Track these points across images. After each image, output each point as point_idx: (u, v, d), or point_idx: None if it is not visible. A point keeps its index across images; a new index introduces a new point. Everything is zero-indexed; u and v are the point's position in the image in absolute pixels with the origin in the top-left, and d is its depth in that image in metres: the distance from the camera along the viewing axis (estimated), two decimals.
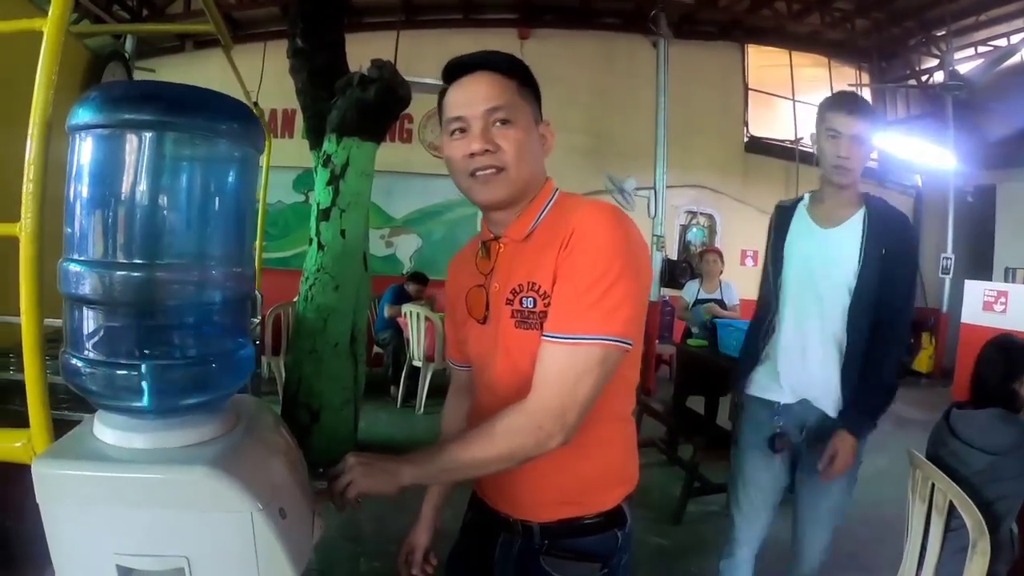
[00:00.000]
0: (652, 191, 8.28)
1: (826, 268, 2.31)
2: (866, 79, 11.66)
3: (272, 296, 5.55)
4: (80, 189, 0.99)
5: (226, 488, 0.95)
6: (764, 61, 10.90)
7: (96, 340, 1.00)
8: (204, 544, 0.98)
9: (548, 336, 1.18)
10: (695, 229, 10.46)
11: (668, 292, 8.41)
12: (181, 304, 1.03)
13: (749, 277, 9.80)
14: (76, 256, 0.99)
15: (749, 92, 10.77)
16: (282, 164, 7.11)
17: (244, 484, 0.97)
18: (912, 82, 11.06)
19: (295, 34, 4.80)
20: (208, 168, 1.04)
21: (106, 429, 1.03)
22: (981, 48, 9.98)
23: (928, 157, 9.80)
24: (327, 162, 4.60)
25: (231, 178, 1.07)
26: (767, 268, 2.52)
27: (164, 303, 1.01)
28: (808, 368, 2.35)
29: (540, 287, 1.23)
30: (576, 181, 7.28)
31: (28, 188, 1.03)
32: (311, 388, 4.63)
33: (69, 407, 1.51)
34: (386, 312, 7.12)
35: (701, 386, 5.50)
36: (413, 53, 8.17)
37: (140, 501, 0.96)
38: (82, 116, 0.97)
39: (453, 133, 1.28)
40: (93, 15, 7.06)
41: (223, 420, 1.10)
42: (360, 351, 5.02)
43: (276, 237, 8.70)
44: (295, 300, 5.25)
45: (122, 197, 0.97)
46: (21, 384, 1.78)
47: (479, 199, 1.31)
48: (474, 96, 1.26)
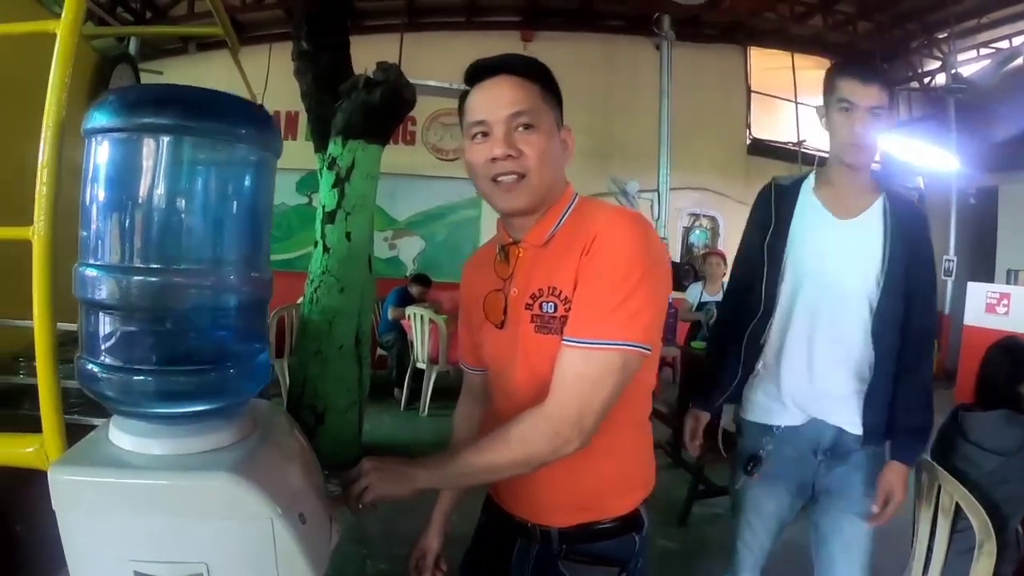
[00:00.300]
0: (655, 193, 8.26)
1: (844, 267, 1.99)
2: None
3: (276, 298, 5.51)
4: (96, 193, 0.98)
5: (247, 494, 0.94)
6: (766, 63, 10.88)
7: (113, 345, 0.99)
8: (223, 551, 0.98)
9: (568, 340, 1.18)
10: (698, 231, 10.46)
11: (671, 295, 8.39)
12: (199, 309, 1.02)
13: None
14: (92, 261, 0.98)
15: (751, 94, 10.76)
16: (286, 166, 6.99)
17: (265, 490, 0.96)
18: (914, 84, 11.05)
19: (300, 37, 4.80)
20: (226, 172, 1.04)
21: (122, 435, 1.02)
22: (983, 50, 9.96)
23: (930, 159, 9.77)
24: (332, 165, 4.60)
25: (249, 182, 1.06)
26: (754, 259, 2.13)
27: (182, 308, 1.00)
28: (816, 380, 2.02)
29: (561, 292, 1.23)
30: (579, 183, 7.14)
31: (41, 192, 1.03)
32: (316, 390, 4.63)
33: (80, 411, 1.50)
34: (390, 314, 7.11)
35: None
36: (416, 55, 8.16)
37: (159, 508, 0.95)
38: (98, 119, 0.96)
39: (475, 137, 1.27)
40: (96, 17, 7.05)
41: (240, 425, 1.10)
42: (365, 353, 5.02)
43: (279, 239, 8.67)
44: (299, 302, 5.24)
45: (140, 201, 0.97)
46: (30, 388, 1.79)
47: (500, 206, 1.30)
48: (497, 100, 1.24)
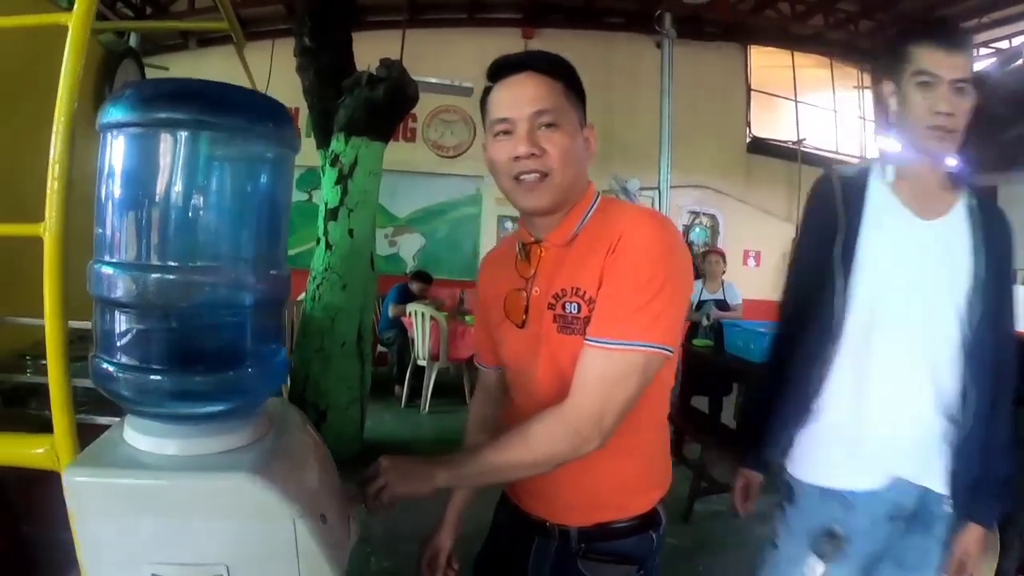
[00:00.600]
0: (656, 191, 8.26)
1: (932, 279, 1.56)
2: (868, 80, 11.64)
3: None
4: (112, 189, 0.96)
5: (268, 495, 0.93)
6: (767, 62, 10.88)
7: (129, 344, 0.98)
8: (244, 552, 0.96)
9: (591, 340, 1.18)
10: (698, 229, 10.44)
11: None
12: (217, 308, 1.00)
13: (751, 277, 9.92)
14: (108, 258, 0.97)
15: (752, 93, 10.76)
16: None
17: (286, 491, 0.95)
18: None
19: (302, 33, 4.79)
20: (245, 168, 1.02)
21: (138, 435, 1.00)
22: (984, 50, 9.95)
23: None
24: (335, 161, 4.59)
25: (268, 179, 1.04)
26: (819, 273, 1.64)
27: (200, 307, 0.98)
28: (902, 424, 1.56)
29: (585, 292, 1.22)
30: None
31: (53, 187, 1.01)
32: (318, 387, 4.62)
33: (87, 410, 1.49)
34: (391, 311, 7.11)
35: (705, 386, 5.50)
36: (417, 52, 8.13)
37: (178, 509, 0.94)
38: (115, 114, 0.94)
39: (498, 134, 1.27)
40: (97, 12, 6.99)
41: (258, 425, 1.08)
42: (366, 350, 5.01)
43: None
44: (300, 299, 5.23)
45: (157, 198, 0.95)
46: (38, 387, 1.78)
47: (522, 205, 1.29)
48: (520, 98, 1.24)
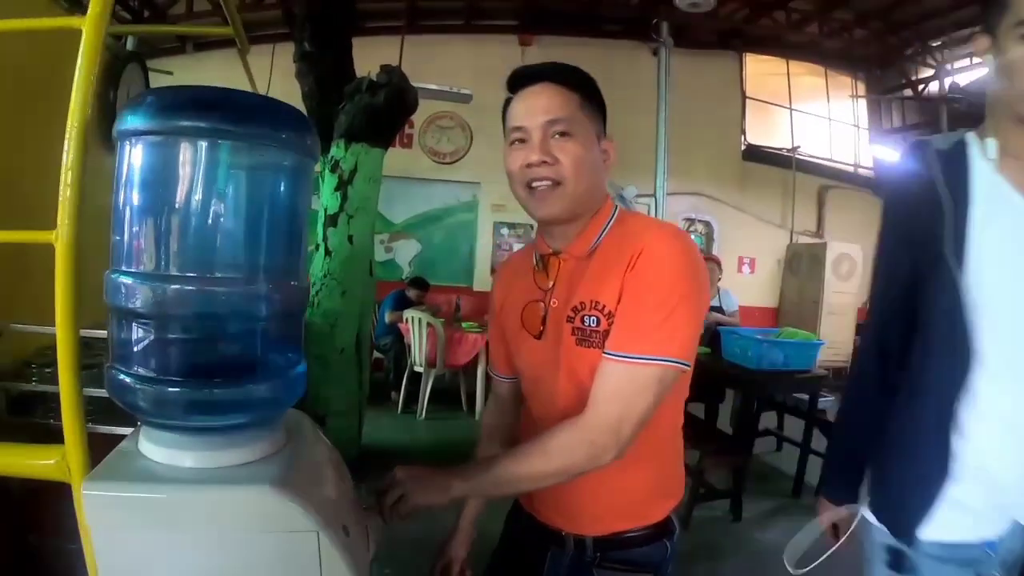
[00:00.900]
0: (652, 198, 8.28)
1: None
2: (862, 88, 11.73)
3: None
4: (130, 197, 0.95)
5: (292, 508, 0.92)
6: (762, 70, 10.94)
7: (146, 355, 0.96)
8: (266, 566, 0.95)
9: (609, 354, 1.18)
10: (693, 236, 10.43)
11: None
12: (236, 319, 0.99)
13: (747, 284, 9.92)
14: (125, 268, 0.95)
15: (747, 100, 10.81)
16: None
17: (310, 503, 0.94)
18: (908, 92, 11.11)
19: (302, 38, 4.77)
20: (265, 177, 1.01)
21: (154, 447, 0.99)
22: (976, 59, 10.00)
23: None
24: (335, 167, 4.57)
25: (289, 188, 1.03)
26: (921, 276, 1.31)
27: (219, 318, 0.97)
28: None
29: (604, 306, 1.23)
30: None
31: (65, 194, 1.00)
32: (317, 394, 4.59)
33: (95, 419, 1.47)
34: (387, 318, 7.09)
35: (702, 392, 5.50)
36: (415, 58, 8.14)
37: (198, 523, 0.92)
38: (133, 121, 0.93)
39: (513, 143, 1.28)
40: None
41: (276, 436, 1.07)
42: (365, 357, 4.99)
43: None
44: None
45: (176, 207, 0.94)
46: (41, 395, 1.76)
47: (536, 214, 1.30)
48: (535, 107, 1.25)
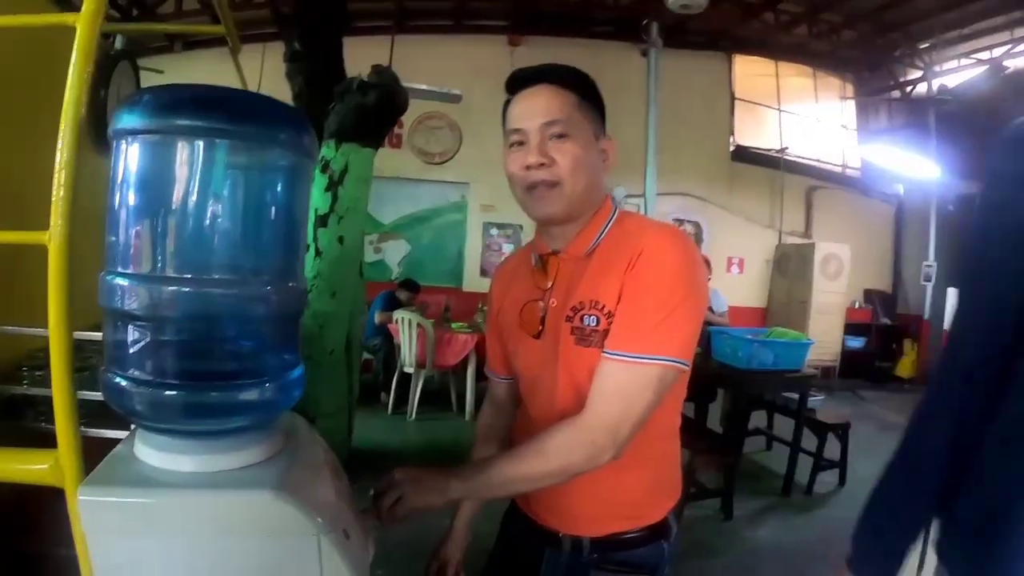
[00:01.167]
0: (642, 199, 8.29)
1: None
2: (850, 90, 11.79)
3: None
4: (126, 198, 0.94)
5: (293, 511, 0.91)
6: (751, 71, 10.98)
7: (142, 358, 0.95)
8: (266, 571, 0.94)
9: (609, 353, 1.19)
10: None
11: None
12: (234, 321, 0.98)
13: (736, 284, 9.97)
14: (121, 269, 0.94)
15: (736, 101, 10.85)
16: None
17: (310, 507, 0.93)
18: (896, 93, 11.19)
19: (292, 38, 4.74)
20: (264, 178, 1.00)
21: (150, 451, 0.98)
22: (964, 60, 10.09)
23: (911, 167, 9.90)
24: (325, 168, 4.54)
25: (287, 189, 1.02)
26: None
27: (216, 320, 0.96)
28: None
29: (604, 306, 1.23)
30: None
31: (58, 194, 0.98)
32: (308, 395, 4.52)
33: (87, 423, 1.45)
34: (377, 319, 7.07)
35: (692, 392, 5.51)
36: (405, 58, 8.13)
37: (197, 528, 0.91)
38: (129, 120, 0.92)
39: (512, 145, 1.29)
40: None
41: (274, 440, 1.06)
42: (355, 358, 4.97)
43: None
44: None
45: (173, 207, 0.92)
46: (35, 399, 1.74)
47: (535, 214, 1.31)
48: (532, 109, 1.26)
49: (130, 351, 0.95)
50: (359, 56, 5.13)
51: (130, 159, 0.93)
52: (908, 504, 1.12)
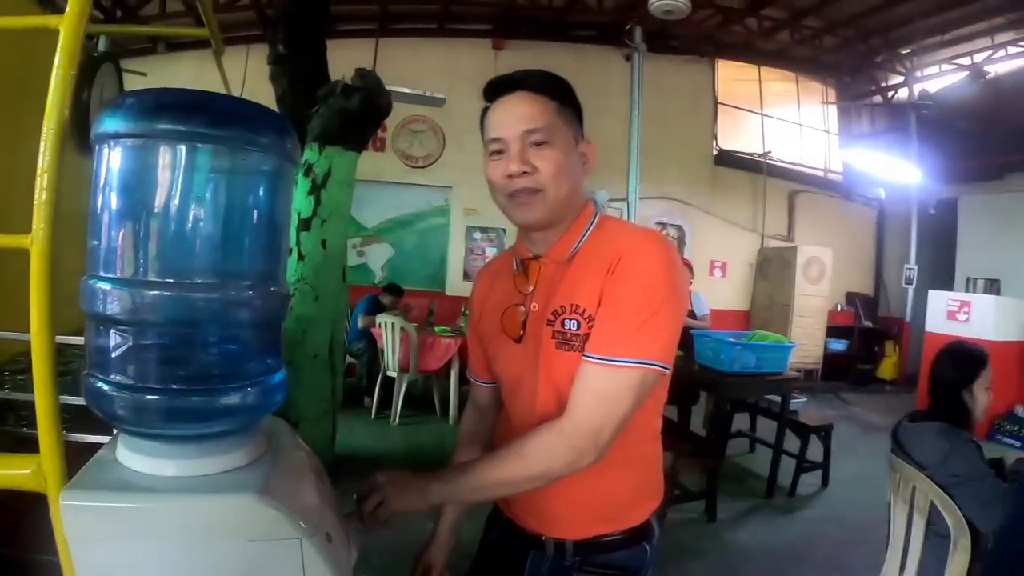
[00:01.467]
0: (624, 203, 8.30)
1: None
2: (832, 95, 11.89)
3: None
4: (108, 201, 0.94)
5: (276, 515, 0.91)
6: (733, 76, 11.04)
7: (124, 362, 0.94)
8: (249, 574, 0.94)
9: (589, 357, 1.19)
10: None
11: None
12: (216, 325, 0.98)
13: (718, 288, 10.00)
14: (103, 273, 0.94)
15: (719, 106, 10.90)
16: None
17: (293, 511, 0.93)
18: (878, 98, 11.29)
19: (276, 40, 4.73)
20: (246, 182, 1.00)
21: (132, 455, 0.97)
22: (945, 66, 10.20)
23: (892, 171, 10.00)
24: (308, 171, 4.54)
25: (269, 193, 1.02)
26: None
27: (198, 324, 0.96)
28: None
29: (584, 310, 1.23)
30: None
31: (41, 198, 0.98)
32: (290, 399, 4.51)
33: (69, 428, 1.44)
34: (360, 322, 7.04)
35: (674, 395, 5.53)
36: (388, 61, 8.11)
37: (180, 532, 0.91)
38: (111, 124, 0.92)
39: (492, 154, 1.28)
40: None
41: (257, 443, 1.06)
42: (338, 362, 4.96)
43: None
44: None
45: (155, 211, 0.92)
46: (15, 403, 1.72)
47: (517, 221, 1.30)
48: (511, 117, 1.25)
49: (112, 355, 0.95)
50: (343, 59, 5.12)
51: (112, 163, 0.93)
52: None
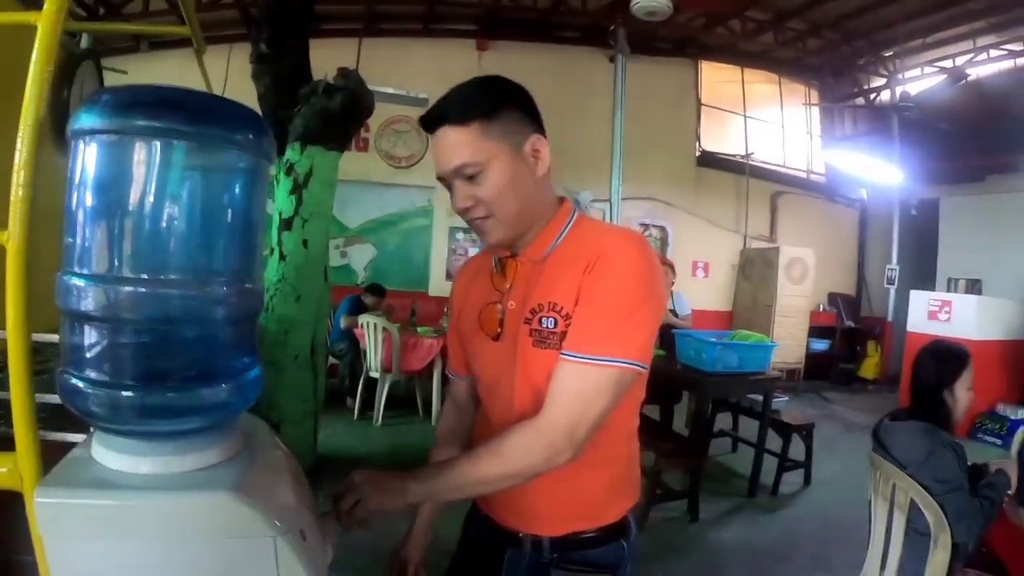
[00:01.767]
0: (607, 203, 8.32)
1: None
2: (815, 96, 11.97)
3: None
4: (83, 198, 0.93)
5: (249, 513, 0.91)
6: (717, 77, 11.09)
7: (99, 359, 0.94)
8: (223, 572, 0.94)
9: (566, 355, 1.19)
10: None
11: None
12: (191, 322, 0.97)
13: (701, 288, 10.05)
14: (78, 269, 0.93)
15: (702, 107, 10.94)
16: None
17: (267, 508, 0.93)
18: (860, 100, 11.38)
19: (259, 39, 4.71)
20: (222, 179, 0.99)
21: (107, 453, 0.97)
22: (927, 69, 10.30)
23: (874, 172, 10.08)
24: (290, 171, 4.52)
25: (245, 190, 1.01)
26: None
27: (173, 320, 0.95)
28: None
29: (562, 308, 1.23)
30: None
31: (17, 195, 0.97)
32: (271, 400, 4.53)
33: (45, 426, 1.43)
34: (343, 323, 7.02)
35: (657, 395, 5.56)
36: (373, 62, 8.10)
37: (155, 530, 0.90)
38: (88, 120, 0.91)
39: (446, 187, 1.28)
40: None
41: (232, 441, 1.06)
42: (320, 362, 4.95)
43: None
44: None
45: (130, 208, 0.92)
46: None
47: (484, 244, 1.33)
48: (442, 156, 1.24)
49: (86, 352, 0.94)
50: (326, 59, 5.10)
51: (88, 159, 0.92)
52: None
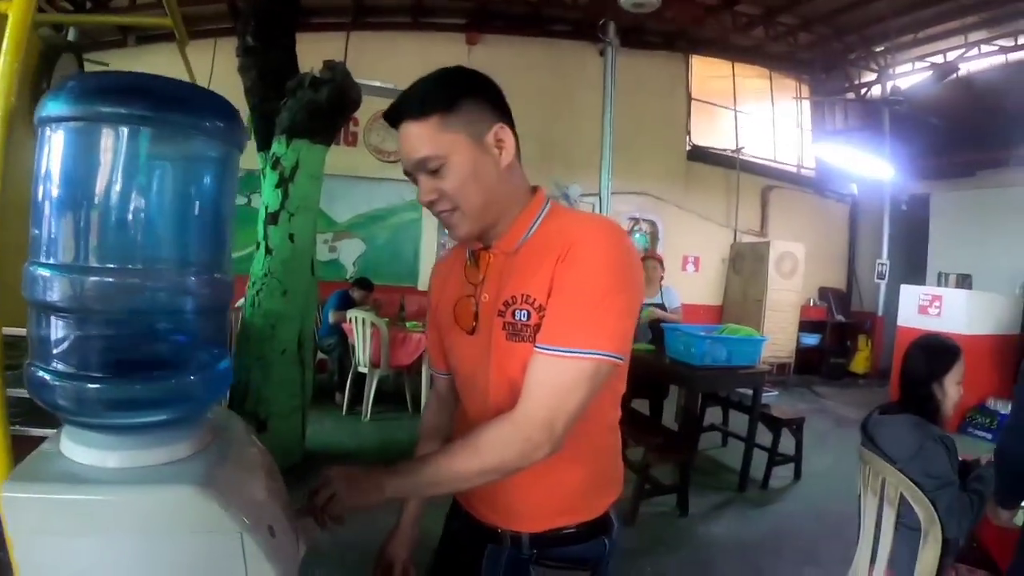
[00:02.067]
0: (597, 197, 8.31)
1: None
2: (806, 91, 11.98)
3: None
4: (49, 187, 0.91)
5: (215, 508, 0.89)
6: (708, 72, 11.09)
7: (66, 351, 0.93)
8: (190, 568, 0.92)
9: (541, 348, 1.16)
10: (638, 235, 10.53)
11: None
12: (159, 313, 0.96)
13: (691, 282, 10.05)
14: (44, 260, 0.91)
15: (692, 102, 10.94)
16: None
17: (233, 503, 0.91)
18: (851, 95, 11.39)
19: (246, 32, 4.67)
20: (190, 167, 0.98)
21: (76, 447, 0.95)
22: (918, 63, 10.32)
23: (865, 167, 10.10)
24: (276, 164, 4.49)
25: (214, 179, 1.00)
26: None
27: (140, 311, 0.94)
28: None
29: (535, 299, 1.20)
30: None
31: None
32: (259, 396, 4.51)
33: (19, 422, 1.41)
34: (331, 318, 6.99)
35: (646, 389, 5.56)
36: (361, 55, 8.06)
37: (121, 524, 0.89)
38: (54, 108, 0.89)
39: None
40: (37, 4, 6.72)
41: (201, 434, 1.04)
42: (307, 357, 4.92)
43: None
44: (239, 305, 5.10)
45: (97, 196, 0.90)
46: None
47: (453, 237, 1.30)
48: (404, 150, 1.22)
49: (53, 344, 0.93)
50: (314, 52, 5.08)
51: (54, 147, 0.91)
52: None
